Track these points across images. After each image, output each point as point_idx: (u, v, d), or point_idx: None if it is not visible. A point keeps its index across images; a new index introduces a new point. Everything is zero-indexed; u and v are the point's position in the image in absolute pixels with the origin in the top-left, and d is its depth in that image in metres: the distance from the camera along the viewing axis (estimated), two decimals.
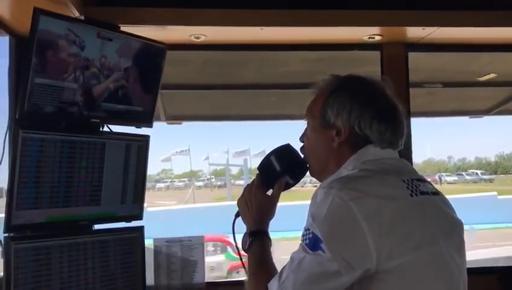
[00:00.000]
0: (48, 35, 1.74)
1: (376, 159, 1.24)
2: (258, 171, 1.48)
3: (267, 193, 1.45)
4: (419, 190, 1.19)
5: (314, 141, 1.34)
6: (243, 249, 1.40)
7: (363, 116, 1.24)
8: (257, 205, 1.42)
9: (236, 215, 1.49)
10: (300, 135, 1.40)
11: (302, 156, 1.41)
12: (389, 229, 1.08)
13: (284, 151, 1.46)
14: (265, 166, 1.46)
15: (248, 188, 1.46)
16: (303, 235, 1.14)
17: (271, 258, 1.33)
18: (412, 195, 1.17)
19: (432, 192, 1.24)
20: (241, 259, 1.40)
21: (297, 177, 1.45)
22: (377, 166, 1.23)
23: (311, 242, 1.11)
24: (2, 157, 1.89)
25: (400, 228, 1.10)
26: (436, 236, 1.15)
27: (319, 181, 1.34)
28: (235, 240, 1.46)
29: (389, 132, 1.25)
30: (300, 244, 1.14)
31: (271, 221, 1.44)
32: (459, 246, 1.22)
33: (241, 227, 1.45)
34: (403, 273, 1.09)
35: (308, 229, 1.13)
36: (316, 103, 1.33)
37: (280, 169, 1.43)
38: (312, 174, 1.40)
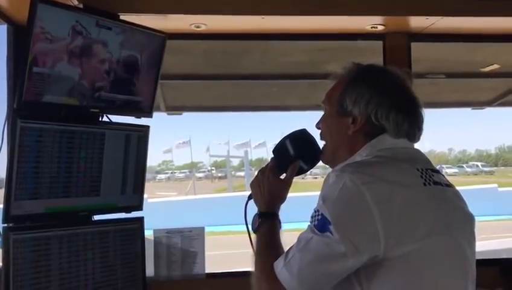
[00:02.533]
0: (46, 24, 1.71)
1: (391, 148, 1.23)
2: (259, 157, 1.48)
3: (281, 176, 1.45)
4: (433, 179, 1.19)
5: (329, 127, 1.35)
6: (253, 229, 1.41)
7: (380, 107, 1.23)
8: (269, 188, 1.43)
9: (249, 198, 1.50)
10: (317, 121, 1.40)
11: (318, 142, 1.41)
12: (399, 215, 1.08)
13: (300, 136, 1.46)
14: (279, 150, 1.47)
15: (261, 171, 1.47)
16: (312, 217, 1.14)
17: (279, 240, 1.33)
18: (425, 184, 1.16)
19: (445, 184, 1.23)
20: (250, 241, 1.39)
21: (311, 163, 1.46)
22: (392, 153, 1.22)
23: (320, 223, 1.11)
24: (0, 148, 1.87)
25: (410, 215, 1.10)
26: (450, 226, 1.15)
27: (331, 168, 1.33)
28: (246, 221, 1.46)
29: (407, 123, 1.25)
30: (309, 225, 1.14)
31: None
32: (470, 239, 1.21)
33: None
34: (410, 261, 1.08)
35: (318, 211, 1.13)
36: (334, 90, 1.33)
37: (294, 153, 1.44)
38: (324, 161, 1.40)
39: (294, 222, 1.20)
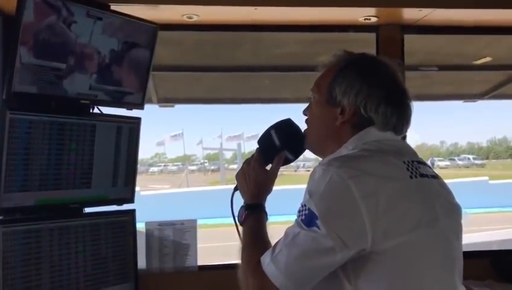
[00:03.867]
0: (35, 14, 1.68)
1: (377, 140, 1.23)
2: (257, 145, 1.46)
3: (266, 167, 1.44)
4: (419, 172, 1.18)
5: (316, 115, 1.33)
6: (239, 221, 1.40)
7: (370, 98, 1.22)
8: (255, 179, 1.41)
9: (235, 189, 1.48)
10: (305, 108, 1.38)
11: (303, 131, 1.39)
12: (386, 209, 1.07)
13: (285, 125, 1.44)
14: (264, 140, 1.45)
15: (247, 162, 1.45)
16: (299, 211, 1.13)
17: (266, 233, 1.32)
18: (411, 177, 1.16)
19: (431, 175, 1.23)
20: (238, 233, 1.38)
21: (297, 153, 1.44)
22: (378, 146, 1.21)
23: (307, 218, 1.10)
24: None
25: (398, 208, 1.09)
26: (435, 218, 1.14)
27: (316, 155, 1.34)
28: (233, 213, 1.44)
29: (395, 116, 1.24)
30: (296, 220, 1.13)
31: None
32: (457, 230, 1.21)
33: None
34: (398, 255, 1.08)
35: (305, 205, 1.12)
36: (324, 78, 1.30)
37: (280, 144, 1.42)
38: (308, 147, 1.39)
39: (289, 215, 1.19)
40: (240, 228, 1.39)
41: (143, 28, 2.04)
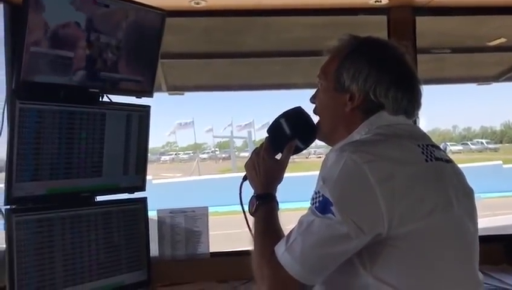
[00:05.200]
0: (43, 2, 1.67)
1: (390, 125, 1.20)
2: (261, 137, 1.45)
3: (276, 156, 1.42)
4: (434, 155, 1.16)
5: (325, 103, 1.31)
6: (250, 212, 1.37)
7: (379, 83, 1.19)
8: (265, 169, 1.39)
9: (244, 179, 1.46)
10: (311, 95, 1.36)
11: (314, 119, 1.37)
12: (402, 193, 1.05)
13: (295, 114, 1.41)
14: (274, 129, 1.42)
15: (256, 152, 1.43)
16: (313, 199, 1.11)
17: (278, 222, 1.30)
18: (427, 160, 1.14)
19: (445, 159, 1.20)
20: (247, 223, 1.37)
21: (307, 142, 1.42)
22: (391, 131, 1.19)
23: (321, 205, 1.08)
24: (1, 129, 1.86)
25: (414, 192, 1.07)
26: (451, 202, 1.12)
27: (328, 145, 1.32)
28: (241, 203, 1.43)
29: (406, 100, 1.22)
30: (310, 207, 1.11)
31: (277, 190, 1.41)
32: (472, 214, 1.19)
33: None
34: (414, 239, 1.06)
35: (318, 192, 1.10)
36: (331, 64, 1.28)
37: (290, 132, 1.40)
38: (320, 138, 1.37)
39: (301, 202, 1.17)
40: (250, 218, 1.37)
41: (151, 15, 2.02)
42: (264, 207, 1.34)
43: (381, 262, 1.07)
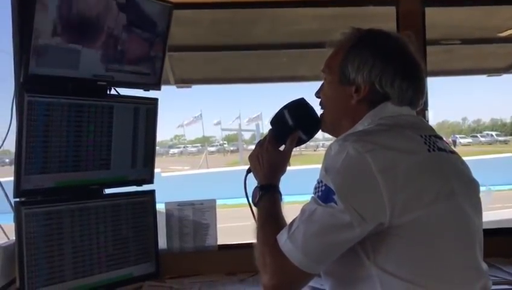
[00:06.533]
0: None
1: (393, 116, 1.20)
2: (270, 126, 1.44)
3: (280, 148, 1.42)
4: (437, 146, 1.17)
5: (331, 97, 1.30)
6: (253, 202, 1.38)
7: (385, 73, 1.19)
8: (268, 160, 1.40)
9: (248, 171, 1.47)
10: (316, 90, 1.35)
11: (317, 111, 1.37)
12: (404, 182, 1.05)
13: (298, 105, 1.41)
14: (278, 120, 1.42)
15: (260, 144, 1.44)
16: (315, 188, 1.11)
17: (281, 212, 1.30)
18: (429, 150, 1.14)
19: (449, 150, 1.20)
20: (253, 215, 1.37)
21: (310, 133, 1.42)
22: (394, 121, 1.19)
23: (324, 194, 1.08)
24: (10, 123, 1.87)
25: (416, 182, 1.07)
26: (454, 191, 1.12)
27: (333, 136, 1.32)
28: (246, 195, 1.43)
29: (411, 90, 1.21)
30: (312, 196, 1.11)
31: (283, 182, 1.41)
32: (476, 205, 1.19)
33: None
34: (417, 228, 1.06)
35: (321, 182, 1.10)
36: (335, 57, 1.28)
37: (293, 124, 1.40)
38: (325, 130, 1.37)
39: (309, 194, 1.17)
40: (255, 209, 1.37)
41: (158, 7, 2.01)
42: (267, 197, 1.34)
43: (384, 252, 1.07)
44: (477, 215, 1.18)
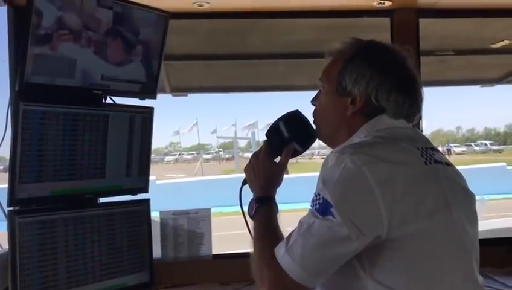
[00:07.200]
0: (46, 5, 1.68)
1: (389, 128, 1.21)
2: (265, 138, 1.45)
3: (275, 160, 1.42)
4: (434, 158, 1.17)
5: (326, 106, 1.31)
6: (249, 215, 1.38)
7: (381, 87, 1.20)
8: (264, 172, 1.40)
9: (244, 183, 1.47)
10: (312, 97, 1.36)
11: (312, 122, 1.37)
12: (402, 195, 1.05)
13: (293, 117, 1.42)
14: (273, 132, 1.43)
15: (255, 155, 1.44)
16: (313, 201, 1.11)
17: (278, 225, 1.30)
18: (426, 163, 1.14)
19: (445, 162, 1.21)
20: (247, 226, 1.37)
21: (306, 145, 1.43)
22: (390, 133, 1.20)
23: (321, 207, 1.08)
24: (5, 131, 1.86)
25: (413, 194, 1.07)
26: (450, 205, 1.12)
27: (328, 146, 1.33)
28: (241, 207, 1.44)
29: (407, 104, 1.22)
30: (310, 209, 1.11)
31: (279, 191, 1.41)
32: (472, 217, 1.19)
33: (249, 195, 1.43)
34: (414, 241, 1.06)
35: (319, 194, 1.10)
36: (333, 66, 1.28)
37: (288, 136, 1.40)
38: (320, 138, 1.37)
39: (305, 202, 1.18)
40: (250, 221, 1.37)
41: (154, 17, 2.02)
42: (263, 210, 1.34)
43: (381, 264, 1.07)
44: (473, 228, 1.18)
